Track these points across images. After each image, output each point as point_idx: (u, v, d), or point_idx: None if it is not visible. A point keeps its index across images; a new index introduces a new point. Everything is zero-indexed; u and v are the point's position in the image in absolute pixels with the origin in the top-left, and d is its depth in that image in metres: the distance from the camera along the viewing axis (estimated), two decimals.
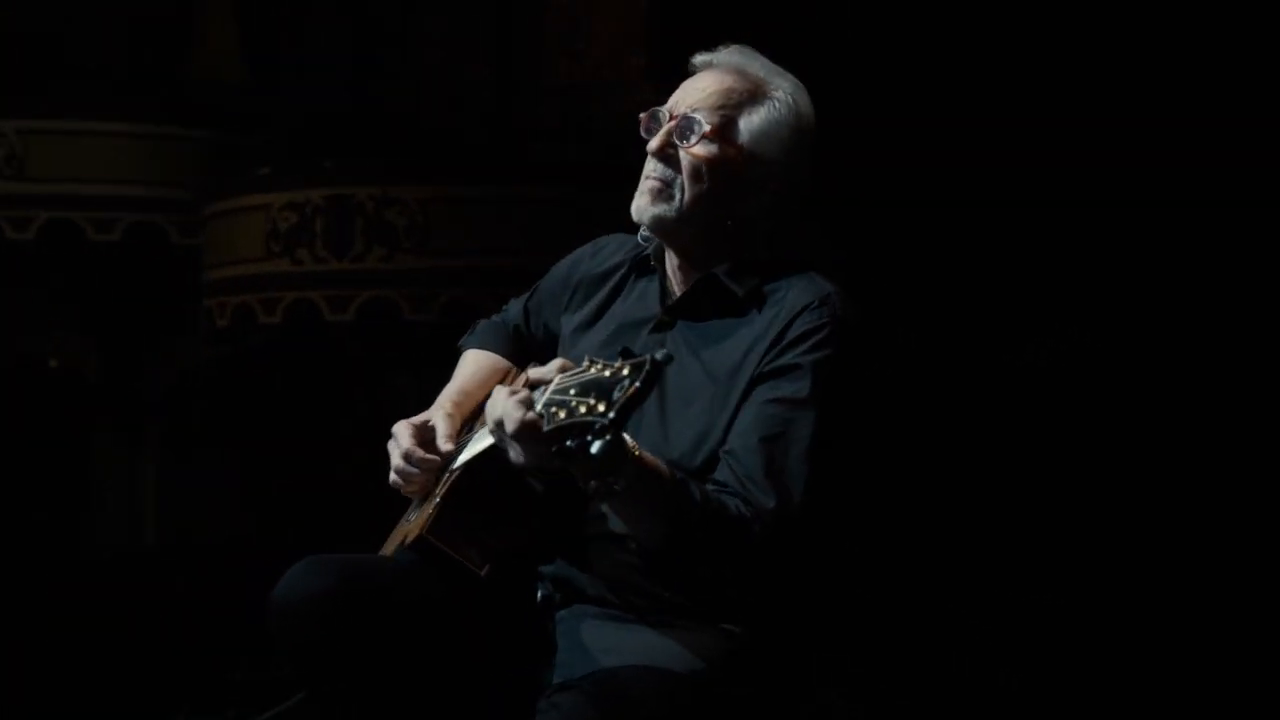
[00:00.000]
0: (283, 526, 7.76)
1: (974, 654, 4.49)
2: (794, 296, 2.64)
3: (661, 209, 2.71)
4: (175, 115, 7.71)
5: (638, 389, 2.13)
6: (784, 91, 2.73)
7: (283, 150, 7.37)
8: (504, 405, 2.36)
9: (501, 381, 3.14)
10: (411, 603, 2.66)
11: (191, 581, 7.41)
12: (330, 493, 7.65)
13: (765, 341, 2.61)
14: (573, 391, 2.22)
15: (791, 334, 2.59)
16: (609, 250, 2.98)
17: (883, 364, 2.79)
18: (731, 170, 2.69)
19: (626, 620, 2.62)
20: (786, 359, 2.57)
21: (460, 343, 3.30)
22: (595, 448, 2.14)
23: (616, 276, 2.92)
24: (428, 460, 2.89)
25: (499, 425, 2.38)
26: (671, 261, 2.82)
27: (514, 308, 3.21)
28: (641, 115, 2.80)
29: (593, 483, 2.34)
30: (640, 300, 2.86)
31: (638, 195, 2.74)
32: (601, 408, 2.15)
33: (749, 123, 2.70)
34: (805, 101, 2.74)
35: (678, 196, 2.69)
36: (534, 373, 2.43)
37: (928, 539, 5.01)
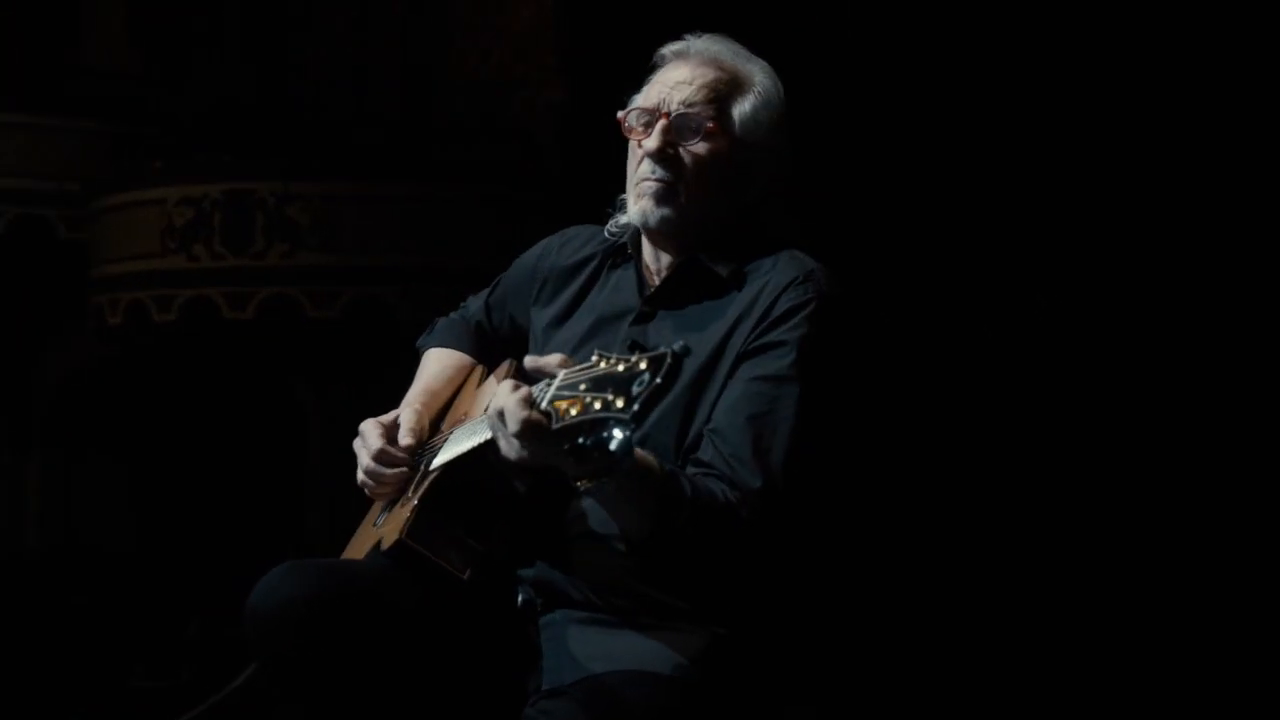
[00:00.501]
0: (177, 530, 7.60)
1: (966, 646, 4.46)
2: (777, 274, 2.64)
3: (667, 211, 2.68)
4: (62, 105, 7.46)
5: (658, 384, 2.07)
6: (760, 75, 2.74)
7: (179, 143, 7.18)
8: (507, 401, 2.28)
9: (465, 380, 3.09)
10: (392, 609, 2.62)
11: (77, 586, 7.22)
12: (228, 494, 7.51)
13: (750, 319, 2.60)
14: (583, 387, 2.14)
15: (776, 311, 2.58)
16: (578, 242, 2.95)
17: (868, 340, 2.77)
18: (729, 163, 2.68)
19: (612, 624, 2.59)
20: (772, 336, 2.56)
21: (419, 343, 3.24)
22: (614, 445, 2.10)
23: (589, 268, 2.89)
24: (400, 459, 2.83)
25: (500, 421, 2.30)
26: (651, 252, 2.80)
27: (474, 304, 3.17)
28: (619, 115, 2.78)
29: (585, 481, 2.30)
30: (616, 291, 2.83)
31: (639, 199, 2.71)
32: (620, 403, 2.08)
33: (740, 112, 2.70)
34: (778, 82, 2.76)
35: (682, 196, 2.68)
36: (530, 363, 2.35)
37: (914, 526, 4.96)
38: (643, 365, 2.09)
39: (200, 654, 6.28)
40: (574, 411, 2.14)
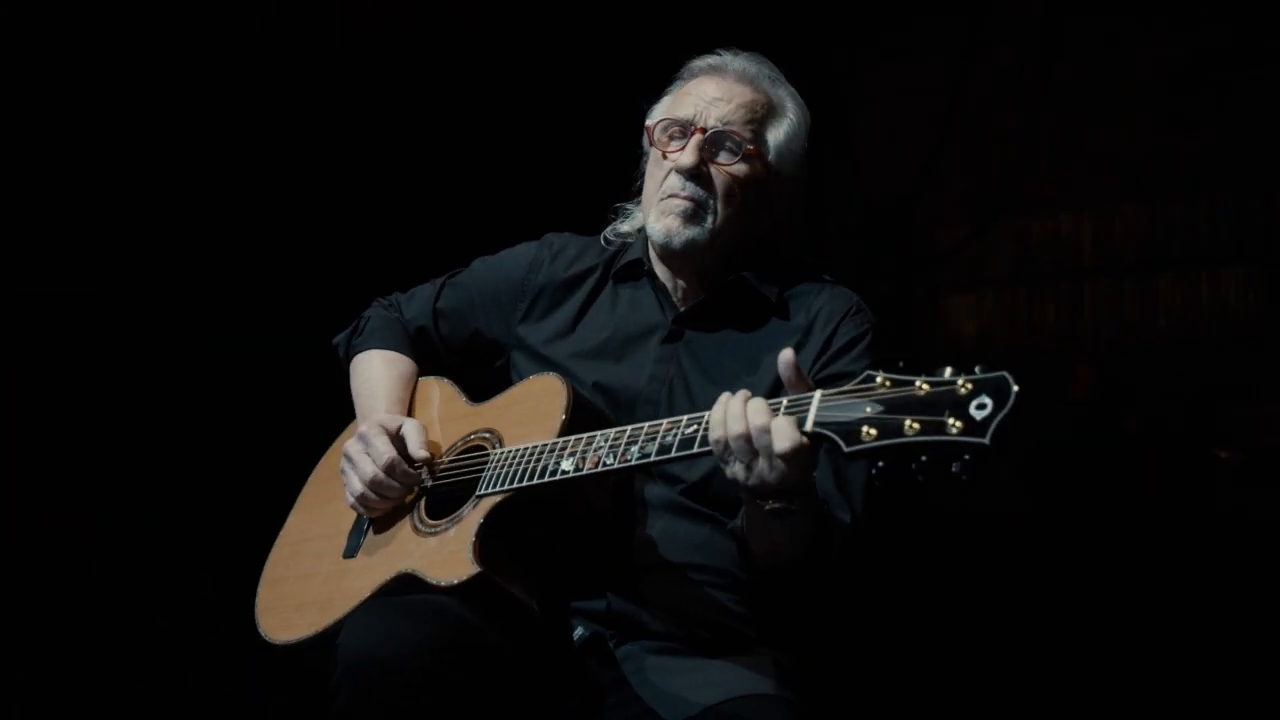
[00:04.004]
0: None
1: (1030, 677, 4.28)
2: (829, 302, 2.69)
3: (695, 232, 2.67)
4: None
5: (1008, 413, 1.97)
6: (792, 103, 2.77)
7: None
8: (773, 421, 2.17)
9: (415, 391, 2.89)
10: (493, 654, 2.48)
11: None
12: None
13: (809, 348, 2.64)
14: (870, 410, 2.06)
15: (838, 341, 2.65)
16: (570, 253, 2.87)
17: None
18: (759, 187, 2.71)
19: (689, 654, 2.60)
20: (837, 367, 2.62)
21: (346, 342, 3.01)
22: (956, 467, 2.00)
23: (590, 280, 2.83)
24: (412, 476, 2.68)
25: (746, 441, 2.17)
26: (664, 270, 2.77)
27: (412, 307, 2.97)
28: (647, 124, 2.75)
29: (774, 502, 2.26)
30: (634, 308, 2.78)
31: (664, 216, 2.67)
32: (958, 426, 1.99)
33: (775, 138, 2.73)
34: (806, 111, 2.79)
35: (710, 218, 2.66)
36: (784, 363, 2.21)
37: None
38: (968, 387, 2.00)
39: None
40: (872, 433, 2.06)
